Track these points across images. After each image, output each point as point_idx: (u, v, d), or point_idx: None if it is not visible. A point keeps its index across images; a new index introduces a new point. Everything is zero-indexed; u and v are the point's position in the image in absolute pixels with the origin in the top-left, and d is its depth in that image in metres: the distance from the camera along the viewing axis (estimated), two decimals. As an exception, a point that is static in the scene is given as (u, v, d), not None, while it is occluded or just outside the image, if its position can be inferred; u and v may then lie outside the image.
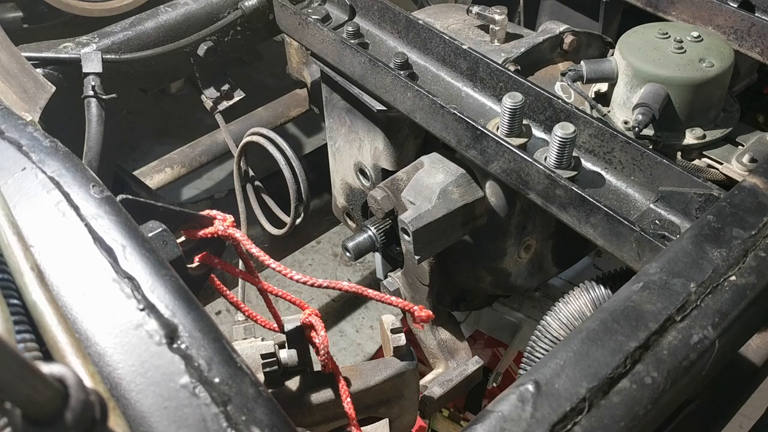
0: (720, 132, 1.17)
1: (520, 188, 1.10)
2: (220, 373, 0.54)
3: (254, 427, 0.53)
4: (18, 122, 0.71)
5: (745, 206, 0.88)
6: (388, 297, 0.90)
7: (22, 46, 1.29)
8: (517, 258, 1.33)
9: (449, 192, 1.21)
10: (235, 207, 1.51)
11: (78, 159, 0.69)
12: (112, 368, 0.54)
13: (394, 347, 1.08)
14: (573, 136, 1.03)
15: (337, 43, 1.32)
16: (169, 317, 0.56)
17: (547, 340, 1.13)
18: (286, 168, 1.24)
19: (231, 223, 0.82)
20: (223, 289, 0.89)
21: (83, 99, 1.30)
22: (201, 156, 2.11)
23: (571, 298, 1.13)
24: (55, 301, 0.53)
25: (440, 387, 1.40)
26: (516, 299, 1.80)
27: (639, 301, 0.76)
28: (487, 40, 1.37)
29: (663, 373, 0.71)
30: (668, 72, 1.14)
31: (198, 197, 2.68)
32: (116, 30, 1.41)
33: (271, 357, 0.97)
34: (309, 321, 0.93)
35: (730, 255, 0.82)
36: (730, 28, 1.28)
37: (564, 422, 0.65)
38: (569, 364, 0.70)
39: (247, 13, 1.49)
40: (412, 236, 1.12)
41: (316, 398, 1.00)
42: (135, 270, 0.59)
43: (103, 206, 0.64)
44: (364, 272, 2.64)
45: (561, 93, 1.28)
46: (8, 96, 1.14)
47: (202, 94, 1.56)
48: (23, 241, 0.57)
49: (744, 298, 0.78)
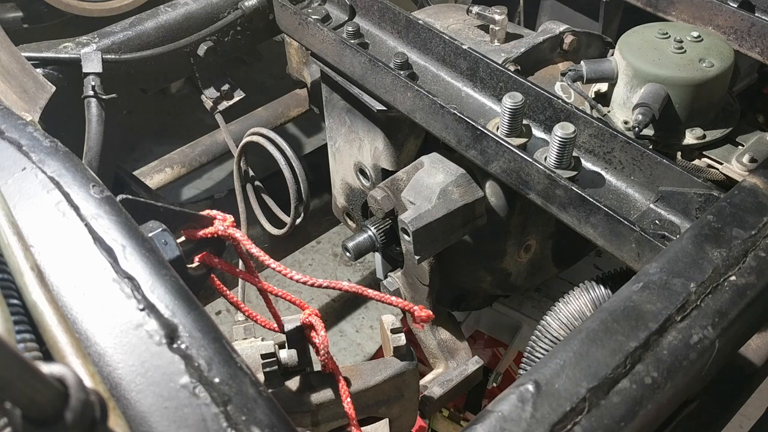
0: (720, 132, 1.17)
1: (520, 188, 1.10)
2: (220, 373, 0.54)
3: (254, 427, 0.53)
4: (18, 122, 0.71)
5: (745, 206, 0.88)
6: (388, 297, 0.90)
7: (22, 46, 1.29)
8: (517, 258, 1.33)
9: (449, 192, 1.21)
10: (235, 207, 1.51)
11: (78, 159, 0.69)
12: (112, 368, 0.54)
13: (394, 347, 1.08)
14: (573, 136, 1.03)
15: (337, 43, 1.32)
16: (169, 317, 0.56)
17: (547, 340, 1.12)
18: (286, 168, 1.24)
19: (231, 223, 0.82)
20: (223, 289, 0.89)
21: (83, 99, 1.30)
22: (201, 156, 2.11)
23: (571, 298, 1.13)
24: (55, 301, 0.53)
25: (440, 387, 1.40)
26: (516, 299, 1.80)
27: (639, 301, 0.76)
28: (487, 40, 1.37)
29: (663, 373, 0.71)
30: (668, 72, 1.13)
31: (198, 197, 2.68)
32: (116, 30, 1.41)
33: (271, 357, 0.97)
34: (309, 321, 0.93)
35: (730, 255, 0.82)
36: (730, 28, 1.28)
37: (564, 422, 0.65)
38: (569, 364, 0.70)
39: (247, 13, 1.49)
40: (412, 236, 1.12)
41: (316, 398, 1.00)
42: (135, 270, 0.59)
43: (103, 206, 0.64)
44: (364, 272, 2.64)
45: (561, 93, 1.28)
46: (8, 96, 1.14)
47: (202, 94, 1.56)
48: (23, 241, 0.57)
49: (744, 298, 0.78)
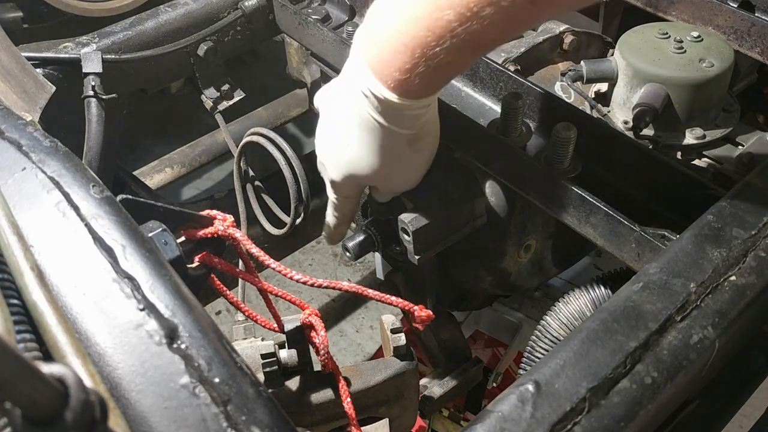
0: (720, 132, 1.17)
1: (520, 188, 1.10)
2: (220, 373, 0.54)
3: (254, 427, 0.53)
4: (18, 122, 0.71)
5: (745, 206, 0.88)
6: (388, 297, 0.90)
7: (22, 46, 1.29)
8: (517, 258, 1.33)
9: (449, 192, 1.20)
10: (235, 207, 1.51)
11: (78, 159, 0.69)
12: (112, 368, 0.54)
13: (394, 347, 1.08)
14: (573, 136, 1.03)
15: (337, 43, 1.31)
16: (169, 317, 0.56)
17: (547, 340, 1.13)
18: (286, 168, 1.23)
19: (231, 223, 0.82)
20: (223, 289, 0.89)
21: (83, 99, 1.30)
22: (201, 156, 2.11)
23: (571, 298, 1.13)
24: (55, 301, 0.53)
25: (440, 387, 1.40)
26: (516, 299, 1.80)
27: (639, 301, 0.76)
28: (487, 40, 1.37)
29: (663, 373, 0.71)
30: (668, 72, 1.14)
31: (198, 197, 2.68)
32: (116, 30, 1.41)
33: (271, 357, 0.97)
34: (309, 321, 0.93)
35: (730, 255, 0.82)
36: (730, 28, 1.28)
37: (564, 422, 0.65)
38: (569, 364, 0.70)
39: (247, 13, 1.49)
40: (412, 236, 1.12)
41: (316, 398, 1.00)
42: (135, 270, 0.59)
43: (103, 206, 0.64)
44: (364, 272, 2.63)
45: (561, 93, 1.28)
46: (8, 96, 1.14)
47: (202, 94, 1.55)
48: (23, 241, 0.57)
49: (744, 298, 0.78)
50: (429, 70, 0.83)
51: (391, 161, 1.00)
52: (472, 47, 0.81)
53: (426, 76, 0.84)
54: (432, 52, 0.80)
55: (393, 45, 0.84)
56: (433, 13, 0.77)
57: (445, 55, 0.80)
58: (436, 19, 0.78)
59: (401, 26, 0.82)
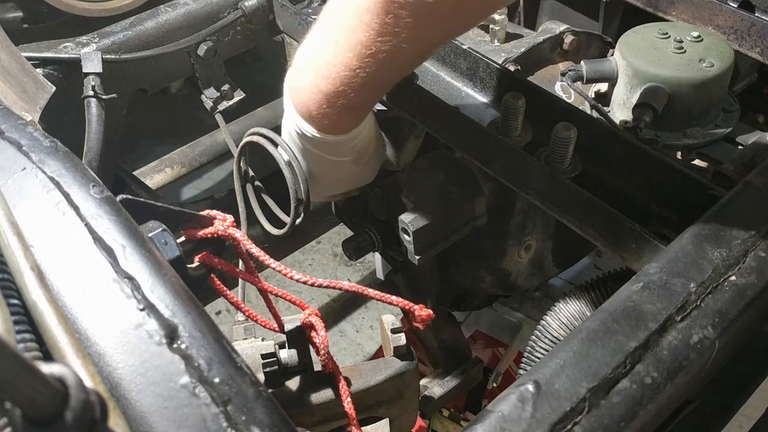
0: (720, 132, 1.17)
1: (520, 188, 1.09)
2: (220, 373, 0.54)
3: (254, 427, 0.52)
4: (18, 122, 0.71)
5: (745, 206, 0.88)
6: (388, 297, 0.90)
7: (22, 46, 1.29)
8: (517, 258, 1.33)
9: (449, 192, 1.21)
10: (235, 207, 1.51)
11: (78, 159, 0.69)
12: (112, 368, 0.54)
13: (394, 347, 1.08)
14: (573, 136, 1.03)
15: (337, 43, 1.31)
16: (169, 317, 0.56)
17: (547, 340, 1.12)
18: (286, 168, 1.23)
19: (231, 223, 0.82)
20: (223, 289, 0.89)
21: (83, 99, 1.30)
22: (201, 156, 2.11)
23: (571, 298, 1.13)
24: (55, 301, 0.53)
25: (440, 387, 1.40)
26: (516, 299, 1.80)
27: (639, 301, 0.76)
28: (487, 40, 1.37)
29: (663, 373, 0.71)
30: (668, 72, 1.14)
31: (198, 197, 2.68)
32: (116, 30, 1.41)
33: (271, 357, 0.97)
34: (309, 321, 0.93)
35: (730, 255, 0.82)
36: (730, 28, 1.28)
37: (564, 422, 0.65)
38: (569, 364, 0.70)
39: (247, 13, 1.49)
40: (412, 236, 1.12)
41: (316, 398, 1.00)
42: (135, 270, 0.59)
43: (103, 206, 0.64)
44: (364, 272, 2.63)
45: (561, 93, 1.28)
46: (8, 96, 1.14)
47: (202, 94, 1.55)
48: (23, 241, 0.57)
49: (744, 298, 0.78)
50: (338, 110, 0.93)
51: (345, 176, 1.14)
52: (373, 86, 0.91)
53: (337, 116, 0.94)
54: (338, 92, 0.89)
55: (306, 88, 0.94)
56: (337, 57, 0.86)
57: (353, 95, 0.89)
58: (339, 64, 0.86)
59: (313, 70, 0.91)
